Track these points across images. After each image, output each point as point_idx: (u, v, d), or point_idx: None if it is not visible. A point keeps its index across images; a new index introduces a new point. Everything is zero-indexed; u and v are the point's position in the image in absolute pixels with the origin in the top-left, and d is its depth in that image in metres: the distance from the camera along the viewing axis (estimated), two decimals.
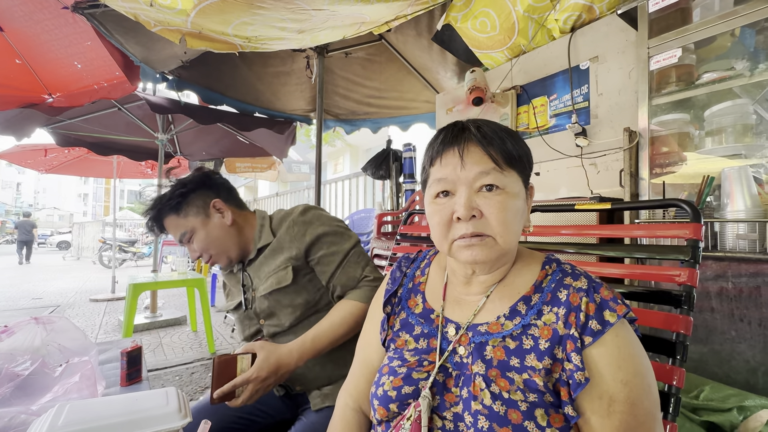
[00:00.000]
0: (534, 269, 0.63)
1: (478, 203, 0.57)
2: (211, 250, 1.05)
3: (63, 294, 5.99)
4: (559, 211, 1.42)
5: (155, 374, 2.71)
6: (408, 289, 0.73)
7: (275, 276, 1.03)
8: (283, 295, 1.03)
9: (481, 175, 0.57)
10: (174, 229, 1.04)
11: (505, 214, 0.56)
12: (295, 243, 1.03)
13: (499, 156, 0.57)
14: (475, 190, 0.57)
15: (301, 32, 2.10)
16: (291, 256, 1.03)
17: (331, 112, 3.84)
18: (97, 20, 2.12)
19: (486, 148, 0.57)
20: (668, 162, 1.58)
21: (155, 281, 3.20)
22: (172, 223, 1.04)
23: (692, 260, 0.78)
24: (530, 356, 0.55)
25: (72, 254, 14.41)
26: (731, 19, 1.33)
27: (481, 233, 0.56)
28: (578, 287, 0.56)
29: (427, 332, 0.65)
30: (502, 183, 0.57)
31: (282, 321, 1.04)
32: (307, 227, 1.04)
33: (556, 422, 0.51)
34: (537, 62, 2.18)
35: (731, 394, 1.07)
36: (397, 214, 3.28)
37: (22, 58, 2.43)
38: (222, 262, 1.07)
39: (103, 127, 4.08)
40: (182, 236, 1.03)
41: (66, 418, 0.61)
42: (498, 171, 0.57)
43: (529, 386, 0.53)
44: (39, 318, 0.93)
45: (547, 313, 0.57)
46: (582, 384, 0.51)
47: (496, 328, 0.59)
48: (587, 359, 0.52)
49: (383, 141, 3.94)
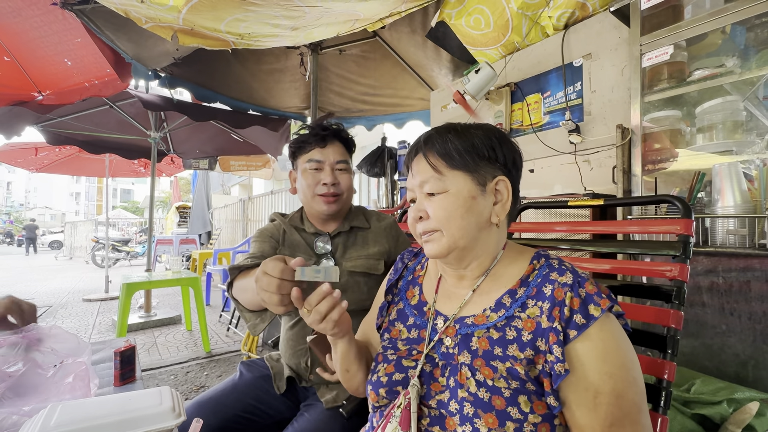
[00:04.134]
0: (521, 264, 0.65)
1: (425, 206, 0.64)
2: (347, 191, 1.13)
3: (56, 294, 5.93)
4: (552, 207, 1.43)
5: (150, 374, 2.70)
6: (408, 281, 0.79)
7: (366, 261, 1.10)
8: (365, 281, 1.08)
9: (423, 183, 0.65)
10: (336, 151, 1.11)
11: (443, 212, 0.62)
12: (391, 243, 1.15)
13: (439, 162, 0.64)
14: (425, 195, 0.65)
15: (294, 29, 2.09)
16: (384, 250, 1.12)
17: (325, 109, 3.83)
18: (87, 17, 2.08)
19: (426, 157, 0.65)
20: (660, 158, 1.60)
21: (149, 280, 3.18)
22: (339, 148, 1.12)
23: (683, 256, 0.79)
24: (512, 346, 0.57)
25: (64, 254, 14.26)
26: (722, 17, 1.34)
27: (430, 230, 0.64)
28: (563, 282, 0.58)
29: (419, 323, 0.70)
30: (441, 187, 0.63)
31: (348, 302, 1.05)
32: (399, 236, 1.18)
33: (539, 409, 0.53)
34: (531, 59, 2.19)
35: (721, 387, 1.08)
36: (392, 211, 3.28)
37: (10, 55, 2.39)
38: (340, 204, 1.12)
39: (95, 125, 4.03)
40: (341, 162, 1.11)
41: (58, 419, 0.60)
42: (436, 177, 0.63)
43: (512, 374, 0.55)
44: (26, 335, 0.90)
45: (532, 307, 0.59)
46: (561, 375, 0.52)
47: (481, 320, 0.62)
48: (573, 353, 0.54)
49: (378, 138, 3.94)
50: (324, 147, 1.10)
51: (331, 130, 1.12)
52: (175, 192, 11.80)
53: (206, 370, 2.79)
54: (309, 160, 1.09)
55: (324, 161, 1.09)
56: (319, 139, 1.09)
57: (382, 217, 1.19)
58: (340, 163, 1.10)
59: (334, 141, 1.11)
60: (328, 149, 1.10)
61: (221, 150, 5.08)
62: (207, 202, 8.38)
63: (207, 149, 5.06)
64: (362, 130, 4.01)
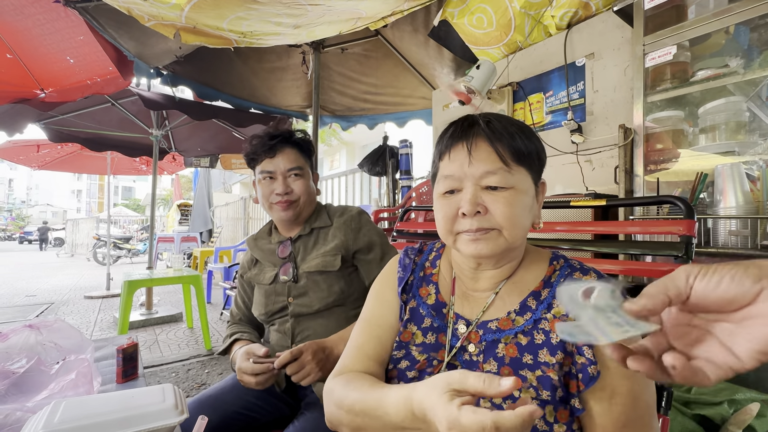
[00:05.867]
0: (542, 265, 0.63)
1: (483, 199, 0.56)
2: (303, 196, 1.12)
3: (57, 291, 5.94)
4: (554, 207, 1.43)
5: (151, 371, 2.71)
6: (419, 277, 0.71)
7: (323, 259, 1.09)
8: (323, 279, 1.08)
9: (488, 174, 0.56)
10: (286, 159, 1.11)
11: (511, 210, 0.55)
12: (350, 236, 1.12)
13: (507, 153, 0.57)
14: (482, 186, 0.57)
15: (296, 27, 2.09)
16: (341, 244, 1.10)
17: (327, 108, 3.83)
18: (89, 14, 2.09)
19: (494, 144, 0.57)
20: (663, 159, 1.59)
21: (150, 278, 3.18)
22: (290, 154, 1.12)
23: (685, 256, 0.79)
24: (543, 351, 0.55)
25: (66, 251, 14.30)
26: (726, 17, 1.34)
27: (486, 228, 0.56)
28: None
29: (437, 326, 0.64)
30: (509, 182, 0.56)
31: (312, 303, 1.08)
32: (362, 227, 1.14)
33: (562, 418, 0.52)
34: (533, 59, 2.18)
35: (722, 388, 1.08)
36: (394, 210, 3.28)
37: (13, 52, 2.40)
38: (297, 209, 1.12)
39: (97, 122, 4.04)
40: (294, 168, 1.11)
41: (62, 415, 0.61)
42: (505, 170, 0.56)
43: (543, 383, 0.53)
44: (33, 324, 0.92)
45: (557, 306, 0.57)
46: (594, 377, 0.51)
47: (507, 325, 0.59)
48: (594, 352, 0.53)
49: (379, 137, 3.94)
50: (273, 157, 1.10)
51: (280, 138, 1.11)
52: (177, 190, 11.81)
53: (207, 367, 2.80)
54: (261, 171, 1.11)
55: (275, 171, 1.10)
56: (267, 149, 1.10)
57: (345, 211, 1.18)
58: (292, 170, 1.11)
59: (284, 148, 1.11)
60: (277, 158, 1.10)
61: (223, 148, 5.08)
62: (208, 200, 8.38)
63: (208, 147, 5.06)
64: (364, 128, 4.01)
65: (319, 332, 1.07)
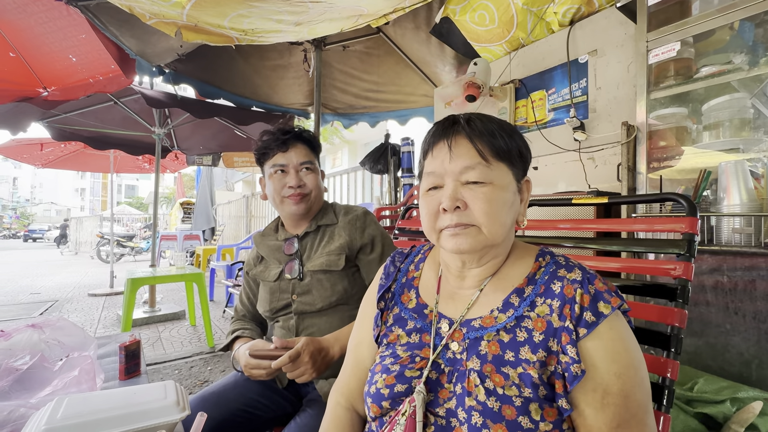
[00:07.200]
0: (527, 262, 0.63)
1: (463, 195, 0.58)
2: (315, 190, 1.14)
3: (61, 289, 5.98)
4: (556, 205, 1.42)
5: (154, 368, 2.72)
6: (401, 284, 0.72)
7: (327, 258, 1.10)
8: (327, 278, 1.09)
9: (467, 169, 0.58)
10: (299, 153, 1.13)
11: (489, 205, 0.57)
12: (354, 235, 1.12)
13: (486, 149, 0.58)
14: (462, 182, 0.58)
15: (298, 25, 2.08)
16: (345, 243, 1.11)
17: (329, 105, 3.82)
18: (91, 12, 2.09)
19: (473, 141, 0.58)
20: (666, 156, 1.58)
21: (153, 276, 3.20)
22: (302, 149, 1.13)
23: (688, 254, 0.79)
24: (524, 348, 0.55)
25: (70, 249, 14.39)
26: (730, 12, 1.32)
27: (465, 223, 0.57)
28: (572, 279, 0.56)
29: (420, 327, 0.65)
30: (488, 177, 0.57)
31: (315, 301, 1.08)
32: (366, 227, 1.15)
33: (549, 416, 0.51)
34: (535, 56, 2.17)
35: (725, 387, 1.08)
36: (396, 208, 3.27)
37: (16, 51, 2.41)
38: (309, 204, 1.14)
39: (99, 121, 4.05)
40: (306, 162, 1.13)
41: (65, 412, 0.61)
42: (484, 164, 0.58)
43: (524, 380, 0.53)
44: (36, 324, 0.93)
45: (541, 305, 0.57)
46: (578, 377, 0.51)
47: (489, 322, 0.59)
48: (582, 351, 0.52)
49: (381, 135, 3.93)
50: (286, 151, 1.12)
51: (293, 133, 1.13)
52: (179, 188, 11.86)
53: (210, 364, 2.81)
54: (273, 165, 1.12)
55: (288, 164, 1.11)
56: (281, 143, 1.11)
57: (351, 210, 1.18)
58: (304, 164, 1.13)
59: (296, 143, 1.13)
60: (290, 152, 1.12)
61: (225, 146, 5.09)
62: (211, 199, 8.40)
63: (211, 145, 5.07)
64: (365, 126, 4.00)
65: (323, 329, 1.08)
